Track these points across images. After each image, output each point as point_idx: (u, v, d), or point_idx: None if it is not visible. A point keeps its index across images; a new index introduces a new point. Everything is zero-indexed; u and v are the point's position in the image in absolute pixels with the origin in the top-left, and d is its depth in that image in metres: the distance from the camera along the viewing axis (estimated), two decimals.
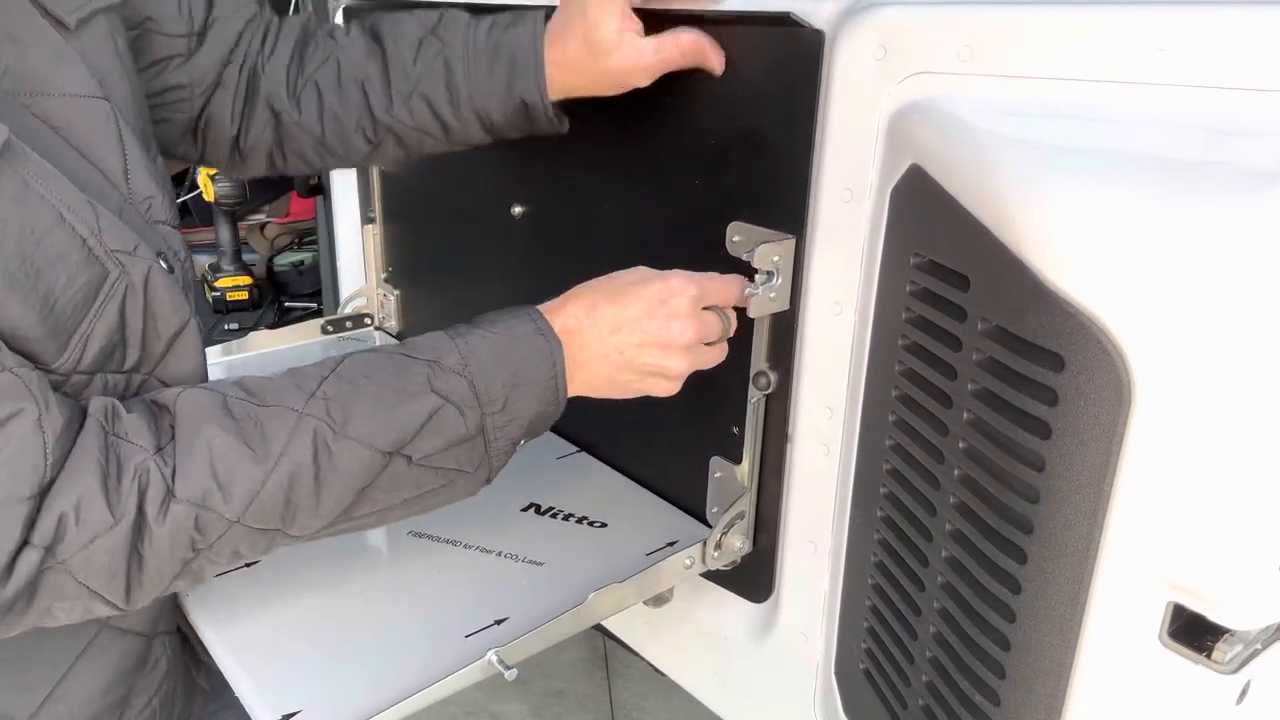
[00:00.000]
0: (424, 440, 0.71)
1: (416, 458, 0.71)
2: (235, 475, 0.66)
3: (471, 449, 0.73)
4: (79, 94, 0.72)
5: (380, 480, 0.70)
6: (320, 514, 0.69)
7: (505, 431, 0.74)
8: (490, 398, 0.72)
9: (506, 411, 0.73)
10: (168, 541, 0.64)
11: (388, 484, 0.71)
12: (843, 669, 0.91)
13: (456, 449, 0.72)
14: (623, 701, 2.28)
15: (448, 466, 0.73)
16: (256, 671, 0.80)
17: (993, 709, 0.67)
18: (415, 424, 0.70)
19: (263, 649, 0.83)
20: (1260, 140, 0.57)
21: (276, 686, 0.78)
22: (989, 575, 0.66)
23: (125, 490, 0.63)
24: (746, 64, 0.86)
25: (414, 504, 0.74)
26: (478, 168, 1.27)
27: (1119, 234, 0.55)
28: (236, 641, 0.84)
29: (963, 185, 0.65)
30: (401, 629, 0.86)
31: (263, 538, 0.69)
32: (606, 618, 0.92)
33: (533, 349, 0.75)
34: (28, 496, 0.60)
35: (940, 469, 0.70)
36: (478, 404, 0.72)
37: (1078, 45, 0.63)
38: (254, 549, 0.70)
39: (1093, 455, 0.58)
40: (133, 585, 0.65)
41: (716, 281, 0.82)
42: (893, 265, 0.76)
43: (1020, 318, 0.60)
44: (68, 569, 0.62)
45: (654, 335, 0.77)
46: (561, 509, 1.06)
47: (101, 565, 0.63)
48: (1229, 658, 0.58)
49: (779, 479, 0.94)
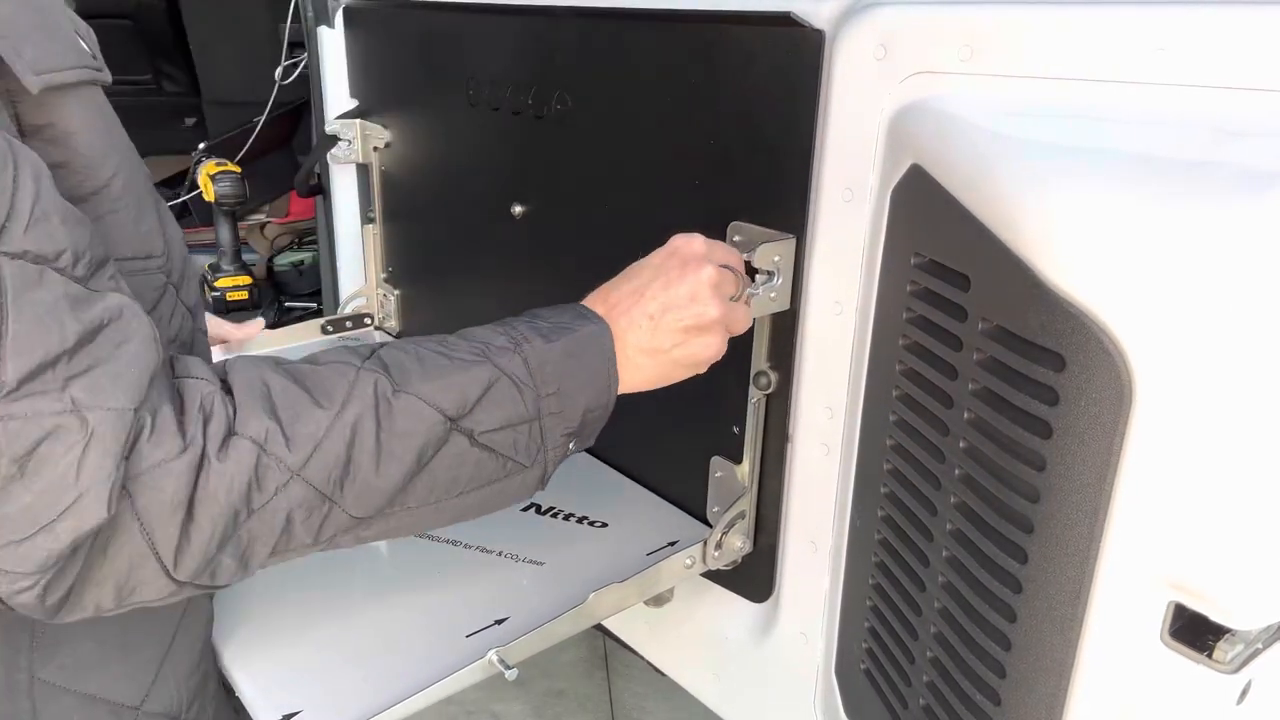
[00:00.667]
0: (483, 413, 0.69)
1: (478, 432, 0.69)
2: (298, 417, 0.63)
3: (529, 437, 0.71)
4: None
5: (442, 454, 0.68)
6: (379, 483, 0.66)
7: (559, 420, 0.72)
8: (544, 377, 0.71)
9: (560, 397, 0.72)
10: (225, 484, 0.60)
11: (450, 460, 0.68)
12: (843, 668, 0.91)
13: (515, 431, 0.70)
14: (623, 701, 2.28)
15: (506, 454, 0.70)
16: (258, 672, 0.81)
17: (994, 708, 0.67)
18: (474, 391, 0.68)
19: (264, 649, 0.83)
20: (1261, 140, 0.57)
21: (277, 686, 0.79)
22: (990, 575, 0.66)
23: (191, 419, 0.60)
24: (747, 64, 0.86)
25: (471, 495, 0.71)
26: (478, 168, 1.28)
27: (1120, 234, 0.55)
28: (238, 642, 0.84)
29: (963, 185, 0.65)
30: (402, 629, 0.86)
31: (319, 508, 0.64)
32: (607, 617, 0.92)
33: (585, 334, 0.74)
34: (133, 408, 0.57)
35: (941, 468, 0.70)
36: (533, 382, 0.70)
37: (1078, 45, 0.63)
38: (308, 524, 0.65)
39: (1093, 454, 0.58)
40: (182, 538, 0.60)
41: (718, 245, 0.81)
42: (893, 265, 0.76)
43: (1021, 317, 0.60)
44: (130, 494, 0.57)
45: (674, 282, 0.76)
46: (562, 509, 1.06)
47: (165, 496, 0.58)
48: (1230, 657, 0.58)
49: (779, 479, 0.94)
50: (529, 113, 1.13)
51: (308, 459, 0.63)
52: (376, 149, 1.48)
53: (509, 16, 1.15)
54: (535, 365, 0.71)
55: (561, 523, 1.04)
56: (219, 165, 2.59)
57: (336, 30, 1.50)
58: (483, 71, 1.20)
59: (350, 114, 1.50)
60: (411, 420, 0.66)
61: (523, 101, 1.14)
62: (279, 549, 0.65)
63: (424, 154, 1.41)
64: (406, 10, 1.38)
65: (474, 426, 0.69)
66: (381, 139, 1.47)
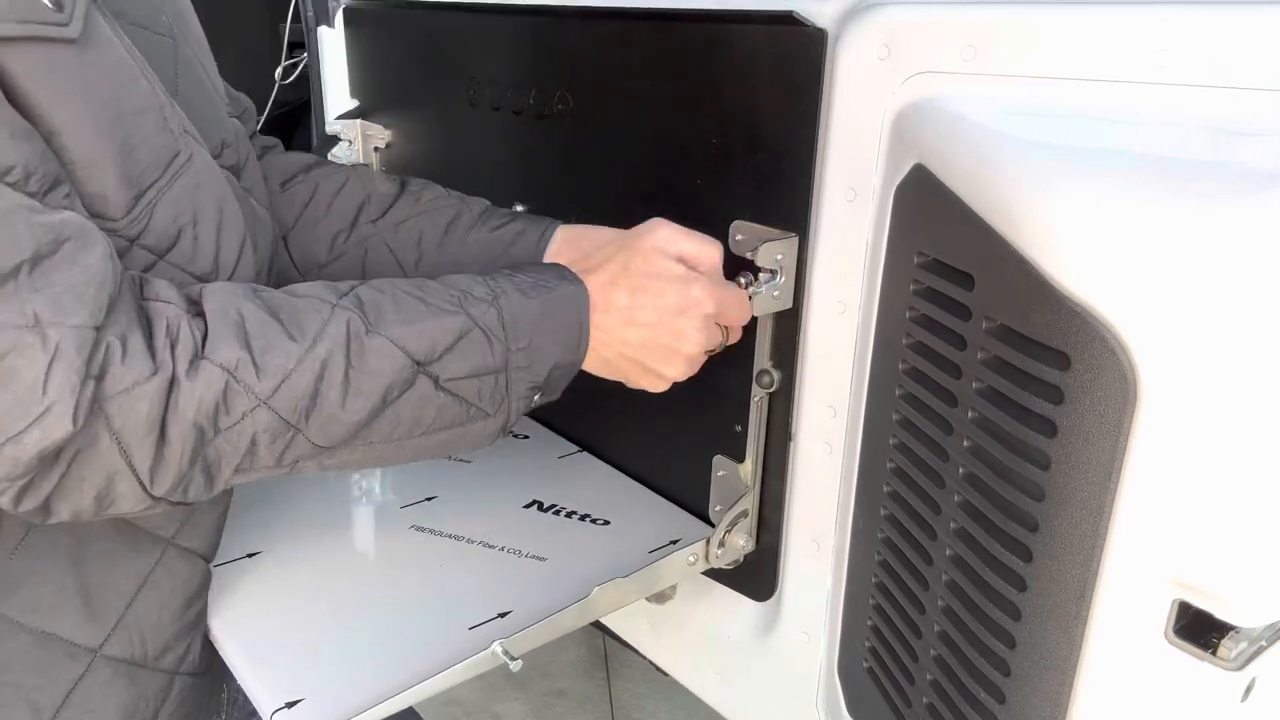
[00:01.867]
0: (451, 361, 0.71)
1: (444, 379, 0.71)
2: (269, 348, 0.65)
3: (495, 386, 0.73)
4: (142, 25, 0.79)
5: (407, 395, 0.70)
6: (345, 416, 0.68)
7: (526, 374, 0.74)
8: (517, 332, 0.73)
9: (530, 351, 0.74)
10: (193, 404, 0.62)
11: (414, 401, 0.70)
12: (846, 667, 0.91)
13: (480, 381, 0.72)
14: (623, 701, 2.28)
15: (470, 400, 0.73)
16: (260, 659, 0.81)
17: (998, 707, 0.67)
18: (445, 339, 0.70)
19: (266, 637, 0.84)
20: (1265, 140, 0.57)
21: (280, 674, 0.79)
22: (994, 573, 0.66)
23: (159, 343, 0.62)
24: (749, 63, 0.86)
25: (433, 437, 0.73)
26: (479, 167, 1.28)
27: (1124, 232, 0.55)
28: (240, 630, 0.84)
29: (967, 184, 0.65)
30: (405, 620, 0.86)
31: (283, 434, 0.67)
32: (610, 613, 0.92)
33: (562, 293, 0.76)
34: (94, 326, 0.59)
35: (945, 467, 0.70)
36: (504, 336, 0.73)
37: (1081, 45, 0.63)
38: (272, 448, 0.67)
39: (1098, 453, 0.58)
40: (157, 457, 0.62)
41: (732, 298, 0.83)
42: (896, 264, 0.76)
43: (1025, 316, 0.60)
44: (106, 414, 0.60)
45: (663, 342, 0.79)
46: (564, 506, 1.06)
47: (139, 417, 0.61)
48: (1234, 655, 0.58)
49: (782, 477, 0.94)
50: (530, 112, 1.14)
51: (276, 389, 0.65)
52: (377, 149, 1.48)
53: (510, 16, 1.15)
54: (509, 319, 0.73)
55: (564, 520, 1.04)
56: None
57: (336, 30, 1.50)
58: (483, 71, 1.20)
59: (350, 114, 1.50)
60: (381, 360, 0.68)
61: (524, 101, 1.14)
62: (243, 468, 0.67)
63: (425, 154, 1.41)
64: (407, 10, 1.38)
65: (440, 372, 0.71)
66: (382, 139, 1.47)
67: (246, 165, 0.88)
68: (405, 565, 0.95)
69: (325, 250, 0.99)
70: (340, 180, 1.01)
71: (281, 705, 0.75)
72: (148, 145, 0.69)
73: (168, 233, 0.71)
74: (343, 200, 1.00)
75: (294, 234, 0.99)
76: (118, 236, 0.67)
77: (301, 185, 1.00)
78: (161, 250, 0.71)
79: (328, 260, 0.99)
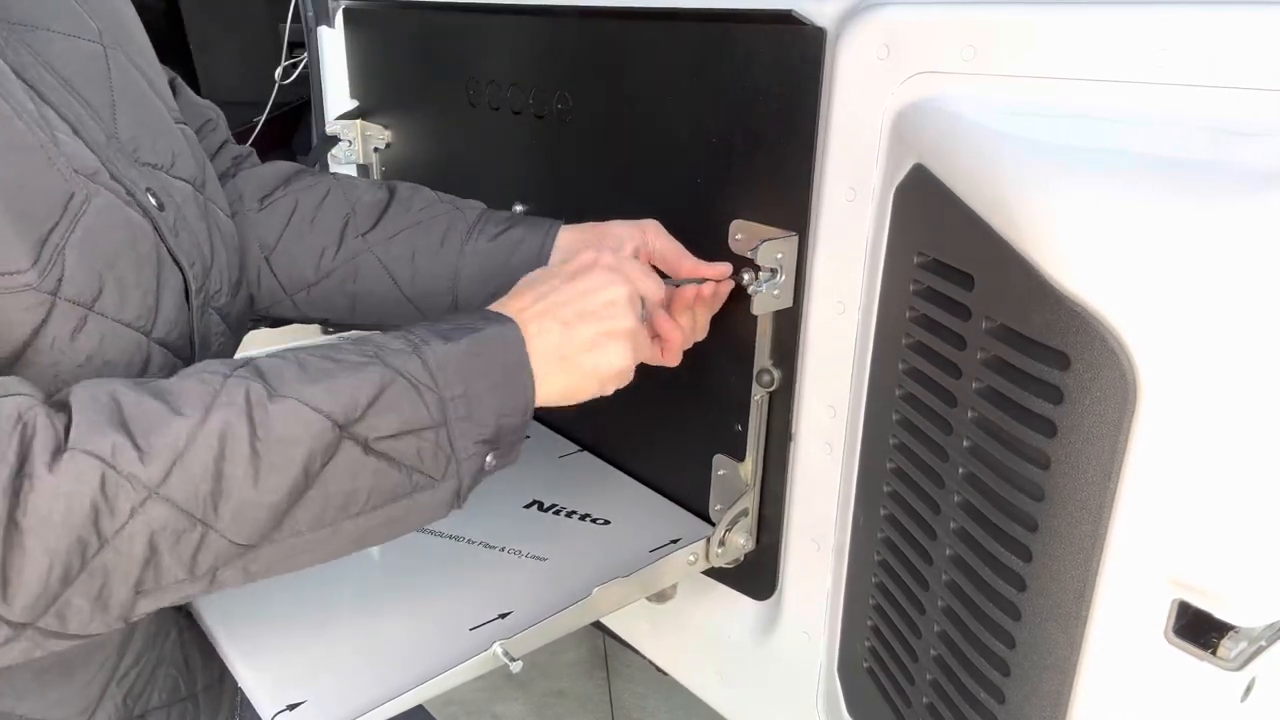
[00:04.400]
0: (377, 417, 0.61)
1: (373, 439, 0.61)
2: (152, 427, 0.55)
3: (437, 445, 0.64)
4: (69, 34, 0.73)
5: (334, 465, 0.60)
6: (260, 498, 0.58)
7: (470, 426, 0.65)
8: (448, 378, 0.64)
9: (468, 400, 0.65)
10: (61, 503, 0.51)
11: (342, 471, 0.60)
12: (846, 667, 0.91)
13: (418, 439, 0.63)
14: (623, 701, 2.28)
15: (410, 464, 0.63)
16: (260, 662, 0.81)
17: (997, 706, 0.68)
18: (365, 392, 0.61)
19: (266, 640, 0.83)
20: (1264, 139, 0.57)
21: (280, 677, 0.79)
22: (994, 573, 0.66)
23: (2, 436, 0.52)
24: (749, 62, 0.86)
25: (373, 515, 0.64)
26: (479, 167, 1.28)
27: (1124, 232, 0.55)
28: (240, 632, 0.84)
29: (967, 184, 0.65)
30: (405, 621, 0.86)
31: (189, 532, 0.56)
32: (610, 613, 0.92)
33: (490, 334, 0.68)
34: None
35: (944, 467, 0.70)
36: (435, 384, 0.64)
37: (1081, 45, 0.63)
38: (177, 553, 0.56)
39: (1098, 453, 0.58)
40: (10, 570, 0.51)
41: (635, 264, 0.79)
42: (896, 264, 0.76)
43: (1025, 316, 0.60)
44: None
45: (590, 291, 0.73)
46: (564, 506, 1.06)
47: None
48: (1234, 655, 0.58)
49: (782, 477, 0.94)
50: (529, 112, 1.14)
51: (167, 473, 0.54)
52: (377, 149, 1.48)
53: (509, 16, 1.15)
54: (436, 365, 0.64)
55: (564, 520, 1.04)
56: None
57: (336, 30, 1.50)
58: (483, 71, 1.20)
59: (350, 114, 1.50)
60: (292, 425, 0.58)
61: (523, 101, 1.14)
62: (146, 587, 0.56)
63: (425, 154, 1.41)
64: (406, 10, 1.38)
65: (367, 432, 0.61)
66: (382, 139, 1.47)
67: (207, 176, 0.83)
68: (406, 567, 0.95)
69: (312, 269, 0.93)
70: (322, 191, 0.95)
71: (283, 708, 0.75)
72: (36, 184, 0.61)
73: (89, 281, 0.63)
74: (326, 213, 0.94)
75: (277, 253, 0.93)
76: (37, 292, 0.59)
77: (282, 200, 0.94)
78: (88, 302, 0.63)
79: (316, 279, 0.93)
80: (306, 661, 0.81)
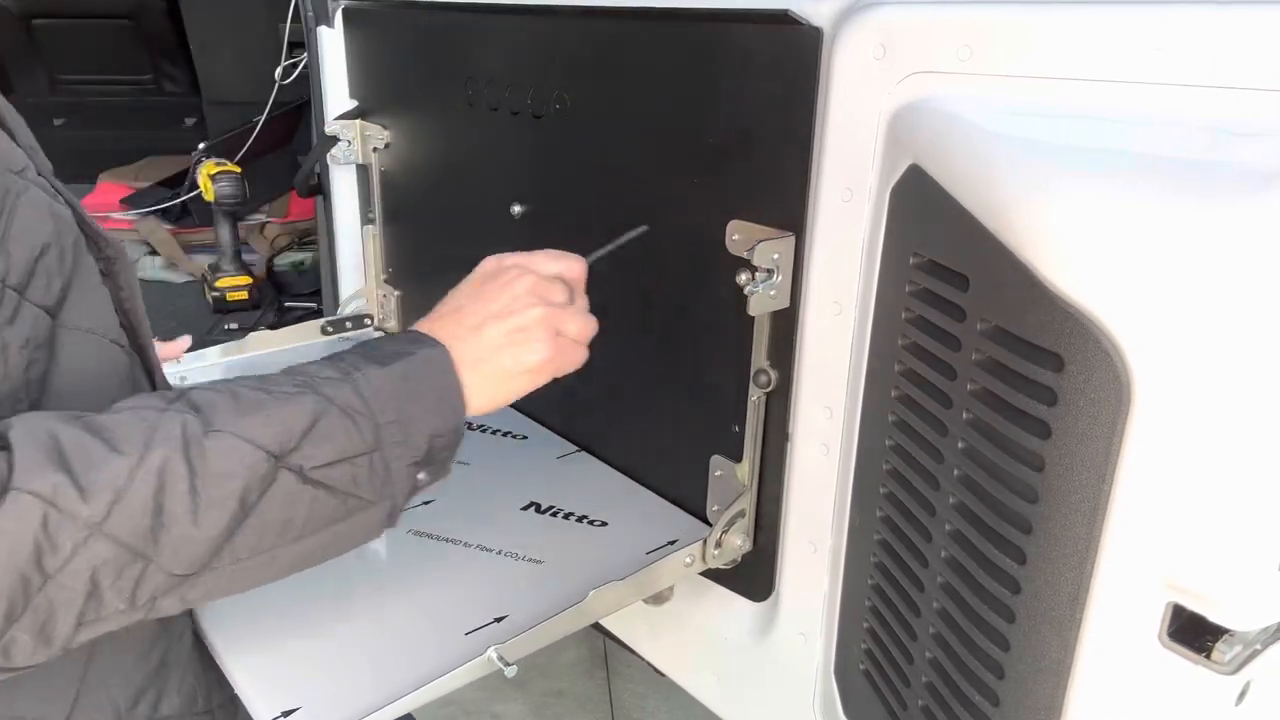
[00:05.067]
0: (312, 447, 0.63)
1: (309, 468, 0.63)
2: (93, 467, 0.56)
3: (371, 470, 0.65)
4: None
5: (270, 495, 0.62)
6: (199, 533, 0.59)
7: (403, 449, 0.67)
8: (382, 404, 0.66)
9: (403, 424, 0.66)
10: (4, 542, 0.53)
11: (279, 501, 0.62)
12: (842, 669, 0.91)
13: (354, 465, 0.64)
14: (623, 701, 2.27)
15: (346, 490, 0.65)
16: (255, 668, 0.80)
17: (992, 709, 0.67)
18: (299, 423, 0.62)
19: (262, 646, 0.83)
20: (1260, 140, 0.56)
21: (275, 683, 0.79)
22: (988, 575, 0.66)
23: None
24: (745, 62, 0.86)
25: (309, 540, 0.65)
26: (477, 168, 1.28)
27: (1119, 234, 0.55)
28: (235, 639, 0.84)
29: (962, 185, 0.65)
30: (401, 626, 0.86)
31: (130, 566, 0.57)
32: (606, 615, 0.92)
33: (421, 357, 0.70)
34: None
35: (940, 469, 0.70)
36: (369, 411, 0.65)
37: (1077, 45, 0.63)
38: (118, 586, 0.57)
39: (1092, 455, 0.58)
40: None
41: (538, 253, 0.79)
42: (892, 265, 0.76)
43: (1020, 318, 0.60)
44: None
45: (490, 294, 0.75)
46: (562, 508, 1.06)
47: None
48: (1228, 658, 0.57)
49: (779, 478, 0.94)
50: (528, 112, 1.13)
51: (108, 511, 0.56)
52: (376, 149, 1.48)
53: (508, 16, 1.15)
54: (370, 393, 0.65)
55: (561, 521, 1.04)
56: (219, 165, 2.59)
57: (336, 30, 1.50)
58: (482, 71, 1.20)
59: (350, 114, 1.50)
60: (229, 460, 0.60)
61: (522, 101, 1.14)
62: (87, 618, 0.58)
63: (424, 154, 1.41)
64: (406, 10, 1.38)
65: (303, 462, 0.62)
66: (381, 139, 1.47)
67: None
68: (402, 569, 0.95)
69: None
70: None
71: (278, 714, 0.75)
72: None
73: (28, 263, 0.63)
74: None
75: None
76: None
77: None
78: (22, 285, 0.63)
79: None
80: (301, 667, 0.81)
